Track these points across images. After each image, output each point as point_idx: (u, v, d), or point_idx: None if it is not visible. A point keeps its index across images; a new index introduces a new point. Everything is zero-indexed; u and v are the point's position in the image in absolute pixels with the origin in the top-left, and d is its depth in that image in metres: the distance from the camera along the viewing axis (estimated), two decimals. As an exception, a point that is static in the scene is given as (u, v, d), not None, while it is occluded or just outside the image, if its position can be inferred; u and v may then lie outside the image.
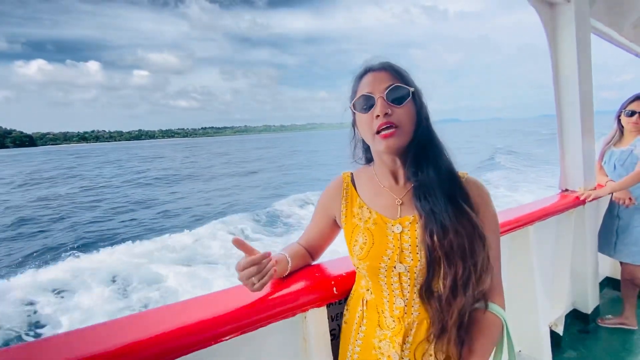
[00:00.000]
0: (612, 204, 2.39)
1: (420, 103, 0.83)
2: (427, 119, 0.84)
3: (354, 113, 0.87)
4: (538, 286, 1.83)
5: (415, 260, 0.80)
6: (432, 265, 0.77)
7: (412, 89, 0.81)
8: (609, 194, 2.35)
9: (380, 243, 0.84)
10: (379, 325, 0.87)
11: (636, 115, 2.23)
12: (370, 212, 0.88)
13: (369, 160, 0.96)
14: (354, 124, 0.91)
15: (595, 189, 2.38)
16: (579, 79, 2.28)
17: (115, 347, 0.68)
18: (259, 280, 0.80)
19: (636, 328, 2.35)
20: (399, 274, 0.82)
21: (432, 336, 0.80)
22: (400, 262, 0.81)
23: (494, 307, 0.84)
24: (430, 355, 0.83)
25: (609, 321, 2.42)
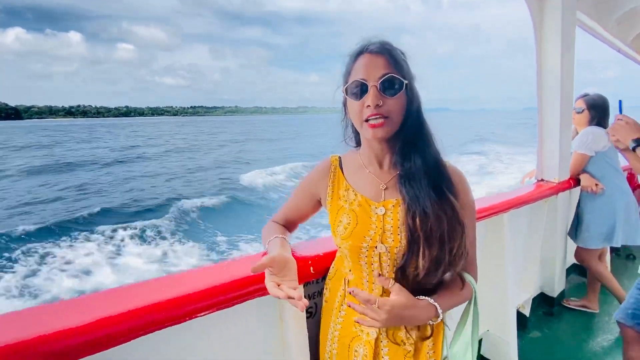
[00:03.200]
0: (580, 192, 2.53)
1: (412, 94, 0.83)
2: (418, 108, 0.85)
3: (345, 94, 0.87)
4: (509, 270, 1.91)
5: (396, 242, 0.83)
6: (411, 246, 0.80)
7: (406, 82, 0.80)
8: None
9: (363, 223, 0.86)
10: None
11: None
12: (355, 195, 0.90)
13: (359, 142, 0.97)
14: (344, 104, 0.90)
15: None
16: (561, 72, 2.32)
17: (86, 322, 0.68)
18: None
19: (597, 311, 2.51)
20: (380, 254, 0.85)
21: None
22: (382, 243, 0.84)
23: (465, 275, 0.90)
24: (405, 331, 0.87)
25: (573, 302, 2.58)
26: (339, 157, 0.99)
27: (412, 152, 0.84)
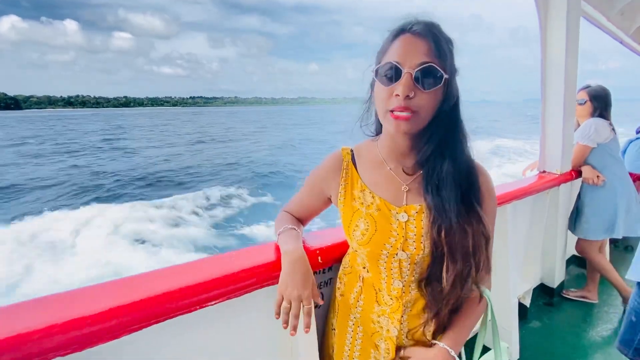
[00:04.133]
0: (582, 184, 2.53)
1: (450, 90, 0.73)
2: (455, 106, 0.76)
3: (374, 76, 0.76)
4: (511, 261, 1.93)
5: (418, 249, 0.78)
6: (435, 259, 0.77)
7: (447, 76, 0.70)
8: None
9: (383, 230, 0.79)
10: (377, 302, 0.87)
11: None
12: (373, 197, 0.82)
13: (378, 131, 0.87)
14: (372, 85, 0.79)
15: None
16: (565, 62, 2.30)
17: (97, 311, 0.68)
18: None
19: (596, 302, 2.53)
20: (400, 260, 0.80)
21: (426, 317, 0.83)
22: (403, 250, 0.79)
23: (483, 289, 0.87)
24: (422, 327, 0.85)
25: (573, 293, 2.60)
26: (351, 151, 0.89)
27: (443, 153, 0.76)
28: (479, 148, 0.82)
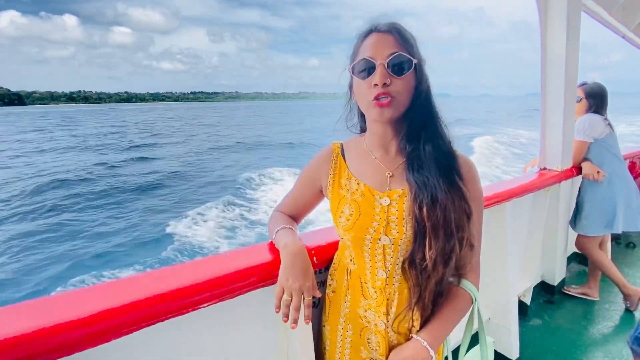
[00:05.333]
0: (582, 180, 2.52)
1: (421, 75, 0.80)
2: (427, 91, 0.82)
3: (352, 76, 0.83)
4: (510, 259, 1.91)
5: (400, 233, 0.81)
6: (418, 236, 0.78)
7: (415, 61, 0.78)
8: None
9: (366, 215, 0.83)
10: (363, 295, 0.88)
11: None
12: (358, 184, 0.87)
13: (363, 129, 0.93)
14: (350, 86, 0.87)
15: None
16: (566, 58, 2.28)
17: (88, 314, 0.67)
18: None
19: (597, 299, 2.52)
20: (383, 246, 0.83)
21: (411, 303, 0.83)
22: (386, 235, 0.82)
23: (466, 283, 0.87)
24: (409, 320, 0.85)
25: (574, 290, 2.59)
26: (341, 144, 0.95)
27: (421, 136, 0.81)
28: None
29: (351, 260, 0.90)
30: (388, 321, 0.85)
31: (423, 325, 0.85)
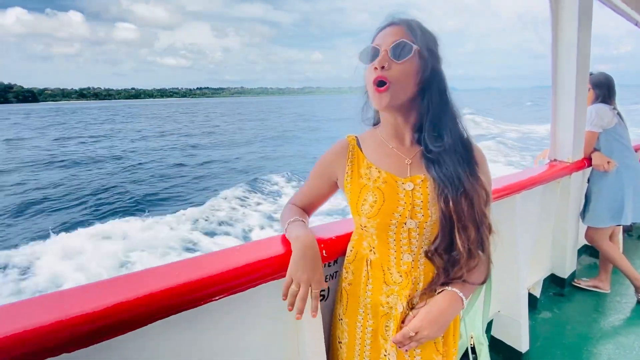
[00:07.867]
0: (591, 171, 2.49)
1: (426, 63, 0.80)
2: (439, 81, 0.83)
3: (360, 59, 0.86)
4: (520, 252, 1.89)
5: (426, 216, 0.82)
6: (444, 228, 0.80)
7: (416, 47, 0.78)
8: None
9: (391, 200, 0.84)
10: (385, 282, 0.89)
11: None
12: (379, 172, 0.88)
13: (378, 121, 0.95)
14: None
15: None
16: (577, 47, 2.23)
17: (101, 308, 0.68)
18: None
19: (608, 292, 2.49)
20: (409, 229, 0.84)
21: (436, 284, 0.85)
22: (411, 218, 0.83)
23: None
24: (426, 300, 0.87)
25: (585, 282, 2.56)
26: (356, 137, 0.96)
27: (438, 128, 0.82)
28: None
29: (371, 250, 0.91)
30: (408, 303, 0.87)
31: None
